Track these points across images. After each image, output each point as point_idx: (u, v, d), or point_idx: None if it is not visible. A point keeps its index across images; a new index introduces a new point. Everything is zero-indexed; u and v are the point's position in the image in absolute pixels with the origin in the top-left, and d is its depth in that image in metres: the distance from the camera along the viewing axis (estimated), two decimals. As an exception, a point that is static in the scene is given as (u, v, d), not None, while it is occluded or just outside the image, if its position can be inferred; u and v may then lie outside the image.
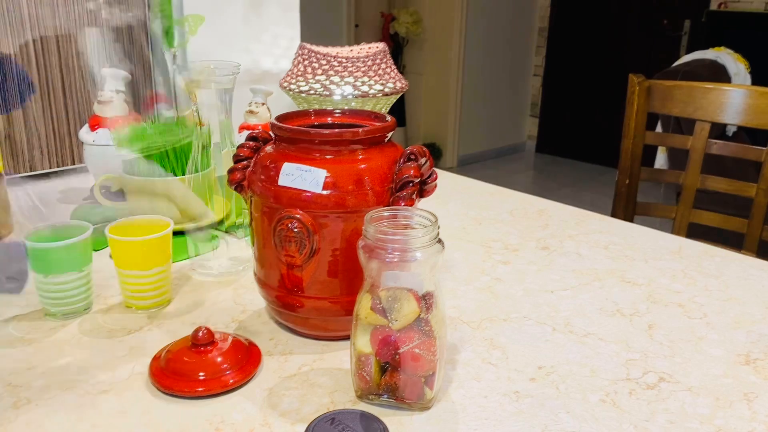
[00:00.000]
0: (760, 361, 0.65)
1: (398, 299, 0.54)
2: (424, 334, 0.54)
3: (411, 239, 0.53)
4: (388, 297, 0.54)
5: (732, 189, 1.27)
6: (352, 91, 1.03)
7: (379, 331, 0.54)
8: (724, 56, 2.57)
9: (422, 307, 0.54)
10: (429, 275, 0.55)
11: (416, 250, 0.53)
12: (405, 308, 0.53)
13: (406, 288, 0.54)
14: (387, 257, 0.53)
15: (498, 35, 4.56)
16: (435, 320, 0.54)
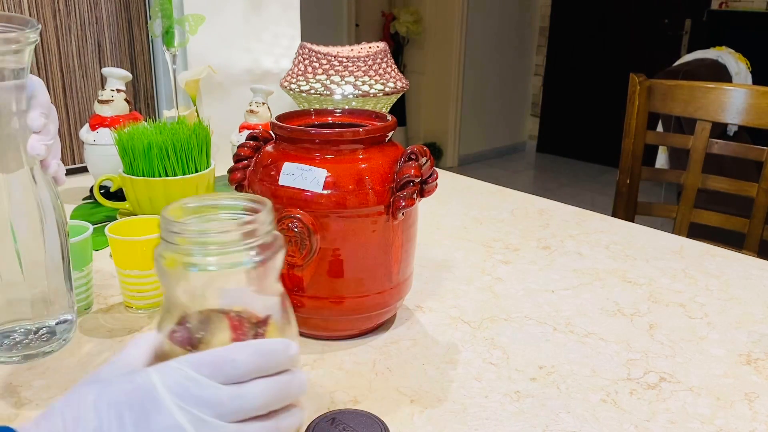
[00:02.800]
0: (761, 361, 0.65)
1: (206, 325, 0.38)
2: None
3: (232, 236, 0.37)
4: (195, 324, 0.38)
5: (733, 189, 1.27)
6: (352, 90, 1.03)
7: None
8: (725, 56, 2.57)
9: (241, 338, 0.38)
10: (268, 287, 0.39)
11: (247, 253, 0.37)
12: (214, 342, 0.38)
13: (223, 309, 0.39)
14: (195, 270, 0.37)
15: (499, 35, 4.56)
16: None
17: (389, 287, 0.65)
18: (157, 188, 0.89)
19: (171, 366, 0.36)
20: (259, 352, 0.36)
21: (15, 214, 0.44)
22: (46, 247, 0.46)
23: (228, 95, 1.35)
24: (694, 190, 1.30)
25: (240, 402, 0.35)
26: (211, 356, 0.36)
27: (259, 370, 0.36)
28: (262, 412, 0.37)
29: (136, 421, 0.34)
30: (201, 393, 0.35)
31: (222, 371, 0.35)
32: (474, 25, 4.35)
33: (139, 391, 0.35)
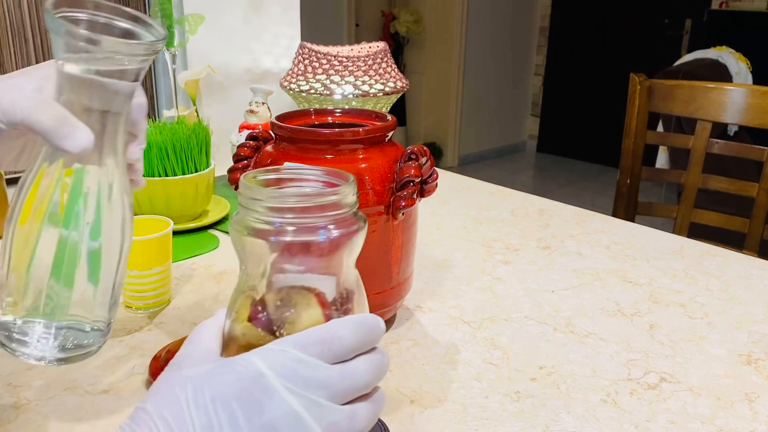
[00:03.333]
0: (762, 361, 0.65)
1: (293, 305, 0.36)
2: None
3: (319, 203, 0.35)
4: (277, 302, 0.36)
5: (733, 189, 1.27)
6: (352, 90, 1.02)
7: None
8: (725, 55, 2.57)
9: (333, 316, 0.37)
10: (345, 266, 0.38)
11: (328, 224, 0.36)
12: (303, 319, 0.36)
13: (305, 286, 0.37)
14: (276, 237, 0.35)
15: (499, 34, 4.56)
16: None
17: (389, 287, 0.65)
18: (156, 188, 0.89)
19: (273, 349, 0.33)
20: (361, 327, 0.35)
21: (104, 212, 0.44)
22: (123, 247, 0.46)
23: (228, 95, 1.35)
24: (694, 190, 1.30)
25: (351, 381, 0.34)
26: (317, 334, 0.34)
27: (362, 346, 0.35)
28: (367, 391, 0.35)
29: (248, 412, 0.32)
30: (312, 374, 0.33)
31: (331, 350, 0.34)
32: (474, 25, 4.35)
33: (246, 381, 0.32)
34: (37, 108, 0.41)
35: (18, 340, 0.44)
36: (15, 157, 0.48)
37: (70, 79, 0.42)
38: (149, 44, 0.42)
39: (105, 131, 0.44)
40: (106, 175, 0.44)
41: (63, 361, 0.45)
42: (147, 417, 0.33)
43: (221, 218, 0.97)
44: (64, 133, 0.41)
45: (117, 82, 0.42)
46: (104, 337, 0.47)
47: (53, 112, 0.41)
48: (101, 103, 0.43)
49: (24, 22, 1.13)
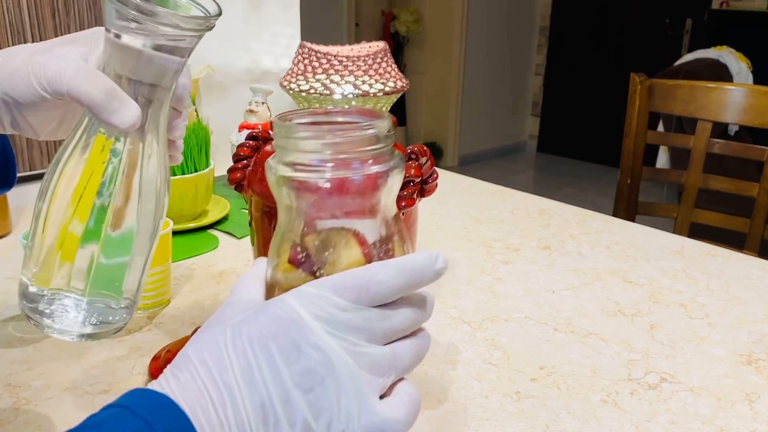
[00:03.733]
0: (762, 362, 0.64)
1: (332, 245, 0.36)
2: None
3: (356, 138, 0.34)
4: (317, 243, 0.36)
5: (734, 188, 1.27)
6: (352, 90, 1.02)
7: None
8: (725, 55, 2.56)
9: (373, 257, 0.36)
10: (384, 206, 0.36)
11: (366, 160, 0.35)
12: (343, 259, 0.35)
13: (346, 228, 0.36)
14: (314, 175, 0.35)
15: (499, 34, 4.56)
16: None
17: (389, 287, 0.65)
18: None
19: (310, 292, 0.33)
20: (402, 271, 0.33)
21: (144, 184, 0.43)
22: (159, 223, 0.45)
23: (227, 95, 1.35)
24: (694, 190, 1.30)
25: (390, 323, 0.33)
26: (354, 279, 0.33)
27: (405, 289, 0.34)
28: (408, 332, 0.35)
29: (286, 353, 0.31)
30: (350, 318, 0.32)
31: (368, 294, 0.33)
32: (474, 25, 4.35)
33: (283, 322, 0.32)
34: (86, 80, 0.40)
35: (44, 312, 0.43)
36: (55, 127, 0.47)
37: (121, 50, 0.40)
38: (204, 19, 0.40)
39: (150, 106, 0.43)
40: (147, 149, 0.43)
41: (89, 337, 0.44)
42: (187, 360, 0.32)
43: (221, 218, 0.97)
44: (113, 107, 0.40)
45: (168, 57, 0.41)
46: (130, 314, 0.46)
47: (102, 85, 0.40)
48: (150, 77, 0.42)
49: (24, 22, 1.13)
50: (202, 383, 0.31)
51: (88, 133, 0.42)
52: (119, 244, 0.43)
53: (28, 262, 0.44)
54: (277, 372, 0.31)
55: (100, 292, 0.43)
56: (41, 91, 0.42)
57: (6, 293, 0.75)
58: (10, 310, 0.71)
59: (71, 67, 0.41)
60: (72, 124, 0.47)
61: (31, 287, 0.43)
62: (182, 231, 0.92)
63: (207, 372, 0.32)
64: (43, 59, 0.42)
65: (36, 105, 0.43)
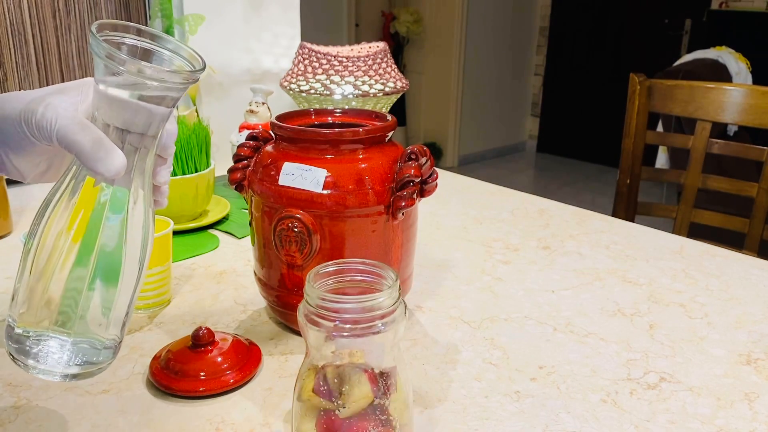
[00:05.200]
0: (762, 361, 0.65)
1: (347, 380, 0.44)
2: (381, 423, 0.44)
3: (368, 305, 0.43)
4: (335, 377, 0.44)
5: (733, 189, 1.27)
6: (352, 90, 1.03)
7: (325, 417, 0.44)
8: (725, 55, 2.57)
9: (379, 389, 0.44)
10: (389, 348, 0.45)
11: (376, 320, 0.43)
12: (355, 392, 0.44)
13: (359, 366, 0.45)
14: (335, 330, 0.43)
15: (498, 34, 4.56)
16: (395, 406, 0.45)
17: (389, 287, 0.65)
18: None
19: None
20: None
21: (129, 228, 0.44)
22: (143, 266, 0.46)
23: (228, 95, 1.35)
24: (694, 190, 1.30)
25: None
26: None
27: None
28: None
29: None
30: None
31: None
32: (474, 25, 4.35)
33: None
34: (75, 129, 0.42)
35: (29, 353, 0.44)
36: (42, 172, 0.49)
37: (109, 101, 0.42)
38: (189, 73, 0.43)
39: (136, 154, 0.44)
40: (133, 195, 0.45)
41: (73, 377, 0.45)
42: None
43: (221, 218, 0.97)
44: (100, 156, 0.42)
45: (154, 107, 0.43)
46: (114, 355, 0.47)
47: (90, 135, 0.42)
48: (137, 126, 0.43)
49: (24, 22, 1.13)
50: None
51: (77, 179, 0.44)
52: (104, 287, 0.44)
53: (14, 302, 0.45)
54: None
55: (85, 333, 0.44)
56: (31, 137, 0.44)
57: (6, 293, 0.75)
58: (10, 310, 0.71)
59: (61, 116, 0.43)
60: (60, 169, 0.49)
61: (17, 329, 0.44)
62: (182, 231, 0.93)
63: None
64: (35, 107, 0.44)
65: (24, 150, 0.45)
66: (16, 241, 0.90)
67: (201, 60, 0.45)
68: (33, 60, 1.15)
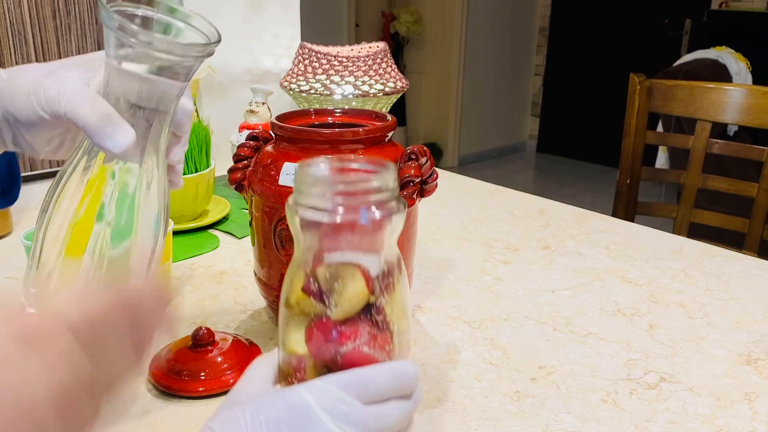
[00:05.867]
0: (762, 361, 0.65)
1: (340, 277, 0.40)
2: (376, 326, 0.41)
3: (362, 188, 0.39)
4: (327, 275, 0.40)
5: (733, 189, 1.27)
6: (352, 90, 1.03)
7: (315, 323, 0.41)
8: (725, 55, 2.57)
9: (375, 288, 0.41)
10: (387, 245, 0.41)
11: (370, 206, 0.39)
12: (349, 289, 0.40)
13: (353, 262, 0.41)
14: (326, 217, 0.39)
15: (499, 34, 4.56)
16: (391, 307, 0.42)
17: (389, 287, 0.65)
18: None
19: (319, 386, 0.38)
20: (397, 377, 0.40)
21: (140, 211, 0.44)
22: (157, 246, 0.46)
23: (228, 95, 1.35)
24: (694, 190, 1.30)
25: (383, 422, 0.38)
26: (356, 377, 0.38)
27: (396, 393, 0.40)
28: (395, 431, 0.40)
29: None
30: (350, 412, 0.37)
31: (367, 392, 0.38)
32: (474, 25, 4.35)
33: (295, 410, 0.37)
34: (82, 102, 0.41)
35: None
36: (55, 148, 0.48)
37: (120, 74, 0.41)
38: (203, 46, 0.41)
39: (150, 130, 0.43)
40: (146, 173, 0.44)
41: None
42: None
43: (221, 218, 0.97)
44: (108, 131, 0.41)
45: (167, 81, 0.42)
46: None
47: (98, 109, 0.41)
48: (149, 101, 0.42)
49: (24, 21, 1.13)
50: None
51: (89, 155, 0.43)
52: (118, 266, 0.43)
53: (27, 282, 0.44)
54: None
55: None
56: (40, 111, 0.43)
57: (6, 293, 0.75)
58: (10, 309, 0.71)
59: (70, 90, 0.42)
60: (73, 145, 0.48)
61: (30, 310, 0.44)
62: (182, 231, 0.93)
63: None
64: (44, 80, 0.43)
65: (35, 124, 0.44)
66: (16, 241, 0.90)
67: (216, 32, 0.43)
68: (33, 60, 1.15)
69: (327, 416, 0.37)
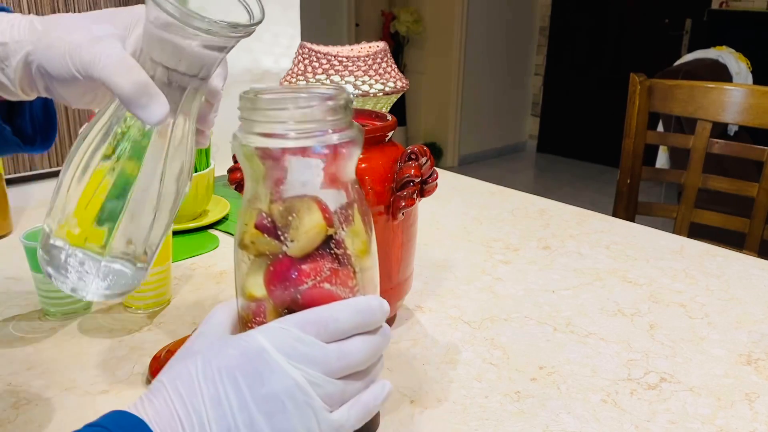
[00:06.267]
0: (762, 361, 0.65)
1: (295, 211, 0.38)
2: (337, 260, 0.38)
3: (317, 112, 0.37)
4: (281, 209, 0.38)
5: (733, 188, 1.27)
6: (352, 90, 1.02)
7: (273, 262, 0.38)
8: (725, 55, 2.57)
9: (334, 220, 0.38)
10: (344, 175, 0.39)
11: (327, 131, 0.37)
12: (305, 222, 0.37)
13: (308, 194, 0.38)
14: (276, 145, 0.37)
15: (499, 34, 4.56)
16: (352, 240, 0.39)
17: (389, 287, 0.65)
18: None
19: (275, 327, 0.36)
20: (359, 310, 0.38)
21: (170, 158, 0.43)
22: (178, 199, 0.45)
23: (228, 95, 1.35)
24: (694, 190, 1.30)
25: (346, 360, 0.37)
26: (315, 315, 0.36)
27: (359, 329, 0.38)
28: (361, 368, 0.38)
29: (251, 383, 0.34)
30: (309, 351, 0.35)
31: (327, 330, 0.36)
32: (474, 25, 4.35)
33: (249, 354, 0.35)
34: (119, 70, 0.40)
35: (59, 267, 0.43)
36: (88, 101, 0.47)
37: (159, 41, 0.40)
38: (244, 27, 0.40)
39: (183, 95, 0.43)
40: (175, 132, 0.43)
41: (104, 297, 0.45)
42: (162, 387, 0.35)
43: (221, 218, 0.97)
44: (143, 102, 0.40)
45: (207, 53, 0.41)
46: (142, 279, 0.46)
47: (134, 78, 0.40)
48: (187, 68, 0.42)
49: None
50: (174, 409, 0.34)
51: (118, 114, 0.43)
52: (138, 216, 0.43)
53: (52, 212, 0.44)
54: (243, 399, 0.34)
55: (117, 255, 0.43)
56: (74, 72, 0.42)
57: (6, 293, 0.75)
58: (10, 310, 0.71)
59: (105, 54, 0.41)
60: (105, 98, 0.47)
61: (52, 239, 0.44)
62: (182, 231, 0.92)
63: (179, 399, 0.35)
64: (80, 39, 0.41)
65: (69, 82, 0.43)
66: (16, 241, 0.90)
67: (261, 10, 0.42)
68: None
69: (283, 358, 0.35)
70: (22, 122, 0.52)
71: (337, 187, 0.39)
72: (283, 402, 0.35)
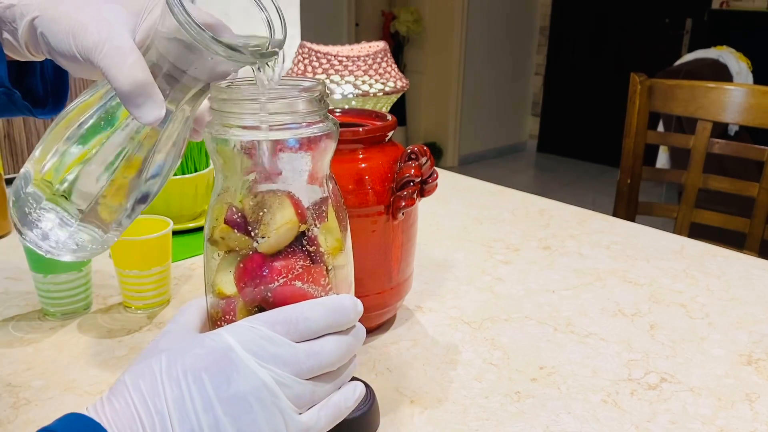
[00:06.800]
0: (762, 362, 0.64)
1: (266, 206, 0.37)
2: (310, 258, 0.38)
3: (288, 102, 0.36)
4: (252, 204, 0.37)
5: (734, 188, 1.27)
6: (352, 90, 1.02)
7: (243, 260, 0.37)
8: (726, 55, 2.56)
9: (307, 216, 0.37)
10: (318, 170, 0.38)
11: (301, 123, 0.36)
12: (277, 218, 0.37)
13: (280, 189, 0.37)
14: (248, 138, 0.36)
15: (499, 34, 4.56)
16: (325, 237, 0.38)
17: (389, 287, 0.65)
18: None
19: (243, 326, 0.35)
20: (331, 311, 0.36)
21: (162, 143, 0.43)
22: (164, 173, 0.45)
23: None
24: (694, 190, 1.30)
25: (316, 359, 0.36)
26: (284, 314, 0.36)
27: (330, 328, 0.37)
28: (332, 369, 0.37)
29: (217, 384, 0.33)
30: (278, 351, 0.34)
31: (297, 329, 0.35)
32: (474, 25, 4.35)
33: (215, 354, 0.34)
34: (119, 63, 0.39)
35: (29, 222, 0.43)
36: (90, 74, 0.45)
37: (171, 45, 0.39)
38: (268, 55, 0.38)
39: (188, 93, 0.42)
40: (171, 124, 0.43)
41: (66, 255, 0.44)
42: (123, 387, 0.34)
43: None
44: (138, 101, 0.39)
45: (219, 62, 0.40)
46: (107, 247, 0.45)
47: (134, 75, 0.38)
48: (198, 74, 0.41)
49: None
50: (135, 410, 0.33)
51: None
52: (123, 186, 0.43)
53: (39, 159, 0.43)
54: (208, 400, 0.33)
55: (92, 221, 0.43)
56: (76, 53, 0.40)
57: (6, 293, 0.75)
58: (10, 310, 0.71)
59: (110, 43, 0.39)
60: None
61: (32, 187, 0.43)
62: (182, 231, 0.92)
63: (141, 399, 0.33)
64: (86, 19, 0.40)
65: (68, 58, 0.42)
66: (15, 241, 0.90)
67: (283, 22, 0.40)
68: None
69: (251, 357, 0.34)
70: (33, 81, 0.50)
71: (312, 182, 0.38)
72: (249, 403, 0.33)
